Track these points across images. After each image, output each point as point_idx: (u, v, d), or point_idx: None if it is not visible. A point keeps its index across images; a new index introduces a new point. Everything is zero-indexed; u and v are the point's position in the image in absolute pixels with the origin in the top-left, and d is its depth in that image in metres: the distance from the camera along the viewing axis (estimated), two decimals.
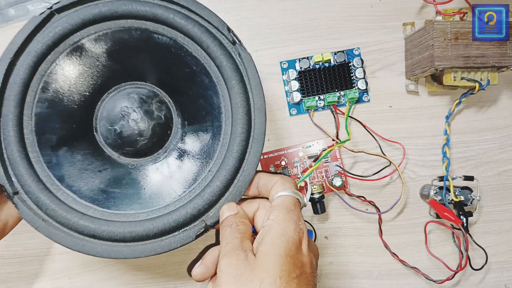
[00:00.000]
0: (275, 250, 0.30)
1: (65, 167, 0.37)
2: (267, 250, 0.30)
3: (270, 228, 0.32)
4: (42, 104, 0.36)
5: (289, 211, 0.33)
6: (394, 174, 0.49)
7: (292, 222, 0.32)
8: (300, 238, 0.31)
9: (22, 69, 0.35)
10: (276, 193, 0.34)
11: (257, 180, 0.36)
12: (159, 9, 0.35)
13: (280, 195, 0.34)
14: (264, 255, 0.30)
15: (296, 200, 0.34)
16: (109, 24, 0.36)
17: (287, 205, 0.33)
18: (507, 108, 0.50)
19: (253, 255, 0.30)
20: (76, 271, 0.49)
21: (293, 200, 0.34)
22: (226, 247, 0.31)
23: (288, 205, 0.33)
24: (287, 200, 0.34)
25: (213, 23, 0.36)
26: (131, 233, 0.34)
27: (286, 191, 0.34)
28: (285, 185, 0.35)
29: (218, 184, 0.35)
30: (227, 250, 0.31)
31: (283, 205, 0.33)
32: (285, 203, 0.33)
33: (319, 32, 0.49)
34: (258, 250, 0.30)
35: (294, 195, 0.34)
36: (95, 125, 0.40)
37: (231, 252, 0.31)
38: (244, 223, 0.34)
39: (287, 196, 0.34)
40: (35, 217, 0.34)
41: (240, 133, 0.35)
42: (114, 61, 0.38)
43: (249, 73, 0.36)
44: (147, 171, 0.40)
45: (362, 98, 0.49)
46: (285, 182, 0.35)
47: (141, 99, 0.39)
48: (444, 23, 0.43)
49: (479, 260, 0.48)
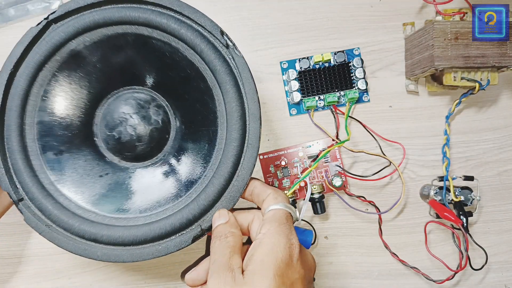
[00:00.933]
0: (263, 270, 0.30)
1: (67, 173, 0.38)
2: (255, 269, 0.30)
3: (260, 243, 0.32)
4: (43, 112, 0.37)
5: (281, 225, 0.32)
6: (394, 174, 0.49)
7: (283, 236, 0.32)
8: (291, 254, 0.31)
9: (22, 79, 0.36)
10: (268, 206, 0.34)
11: (251, 188, 0.37)
12: (152, 14, 0.35)
13: (271, 208, 0.34)
14: (252, 274, 0.30)
15: (288, 214, 0.34)
16: (104, 30, 0.36)
17: (279, 219, 0.33)
18: (507, 108, 0.50)
19: (241, 274, 0.30)
20: (76, 271, 0.49)
21: (284, 214, 0.34)
22: (214, 264, 0.31)
23: (280, 218, 0.33)
24: (278, 213, 0.34)
25: (206, 27, 0.36)
26: (130, 237, 0.35)
27: (278, 204, 0.34)
28: (277, 199, 0.35)
29: (213, 190, 0.35)
30: (214, 269, 0.31)
31: (274, 218, 0.33)
32: (276, 216, 0.33)
33: (319, 32, 0.49)
34: (247, 269, 0.30)
35: (286, 209, 0.34)
36: (95, 131, 0.41)
37: (218, 272, 0.30)
38: (234, 234, 0.34)
39: (278, 210, 0.34)
40: (39, 223, 0.36)
41: (235, 138, 0.35)
42: (111, 66, 0.39)
43: (243, 77, 0.36)
44: (146, 175, 0.40)
45: (362, 98, 0.49)
46: (278, 195, 0.35)
47: (138, 104, 0.40)
48: (444, 23, 0.43)
49: (479, 260, 0.48)
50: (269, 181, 0.48)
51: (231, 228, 0.34)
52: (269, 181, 0.48)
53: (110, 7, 0.36)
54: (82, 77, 0.38)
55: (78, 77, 0.38)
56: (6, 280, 0.49)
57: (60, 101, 0.38)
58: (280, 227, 0.32)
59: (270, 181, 0.48)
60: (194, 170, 0.38)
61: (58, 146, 0.38)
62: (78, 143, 0.39)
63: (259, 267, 0.30)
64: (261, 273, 0.29)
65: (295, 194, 0.47)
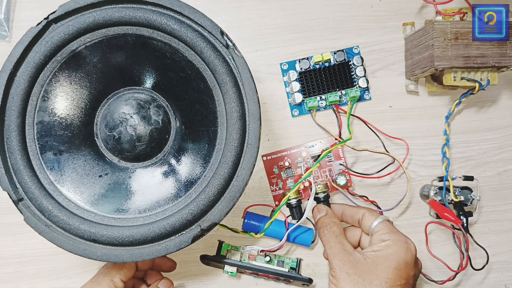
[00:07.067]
0: (386, 263, 0.38)
1: (67, 173, 0.38)
2: (379, 261, 0.38)
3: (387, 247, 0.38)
4: (43, 112, 0.37)
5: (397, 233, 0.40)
6: (396, 174, 0.49)
7: (403, 242, 0.39)
8: (412, 256, 0.39)
9: (22, 79, 0.36)
10: (373, 222, 0.41)
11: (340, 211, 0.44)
12: (153, 15, 0.35)
13: (379, 222, 0.41)
14: (376, 264, 0.38)
15: (391, 223, 0.42)
16: (104, 31, 0.36)
17: (392, 228, 0.40)
18: (507, 108, 0.50)
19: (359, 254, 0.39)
20: (76, 271, 0.49)
21: (391, 224, 0.41)
22: (332, 249, 0.40)
23: (392, 228, 0.40)
24: (386, 225, 0.40)
25: (206, 27, 0.36)
26: (129, 238, 0.35)
27: (380, 218, 0.41)
28: (374, 214, 0.42)
29: (213, 190, 0.35)
30: (334, 252, 0.39)
31: (386, 230, 0.40)
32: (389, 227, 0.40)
33: (319, 32, 0.49)
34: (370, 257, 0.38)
35: (387, 219, 0.41)
36: (96, 131, 0.41)
37: (339, 254, 0.39)
38: (335, 223, 0.42)
39: (383, 222, 0.40)
40: (38, 223, 0.35)
41: (234, 139, 0.35)
42: (111, 67, 0.39)
43: (243, 77, 0.36)
44: (146, 175, 0.40)
45: (364, 96, 0.49)
46: (373, 211, 0.42)
47: (138, 104, 0.39)
48: (444, 23, 0.43)
49: (479, 260, 0.48)
50: (273, 182, 0.48)
51: (332, 219, 0.43)
52: (273, 182, 0.48)
53: (110, 7, 0.36)
54: (83, 77, 0.38)
55: (78, 77, 0.38)
56: (6, 280, 0.49)
57: (61, 101, 0.38)
58: (397, 234, 0.39)
59: (274, 182, 0.48)
60: (193, 170, 0.38)
61: (58, 146, 0.38)
62: (78, 143, 0.39)
63: (383, 260, 0.38)
64: (384, 264, 0.37)
65: (299, 194, 0.47)
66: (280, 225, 0.47)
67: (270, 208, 0.48)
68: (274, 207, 0.48)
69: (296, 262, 0.47)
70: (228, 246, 0.47)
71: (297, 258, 0.47)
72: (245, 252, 0.46)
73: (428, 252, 0.48)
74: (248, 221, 0.47)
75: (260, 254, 0.46)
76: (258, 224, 0.47)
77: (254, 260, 0.46)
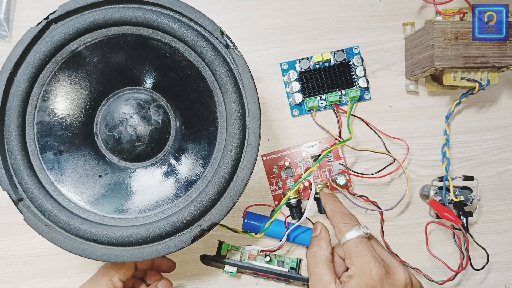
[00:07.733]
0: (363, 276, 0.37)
1: (67, 173, 0.38)
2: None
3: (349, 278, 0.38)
4: (44, 112, 0.37)
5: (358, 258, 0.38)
6: (396, 174, 0.49)
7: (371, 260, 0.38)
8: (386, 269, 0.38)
9: (22, 79, 0.36)
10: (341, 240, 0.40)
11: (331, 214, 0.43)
12: (152, 15, 0.35)
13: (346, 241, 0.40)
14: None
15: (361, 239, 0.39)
16: (104, 31, 0.36)
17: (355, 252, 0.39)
18: (507, 108, 0.50)
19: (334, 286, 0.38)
20: (76, 271, 0.49)
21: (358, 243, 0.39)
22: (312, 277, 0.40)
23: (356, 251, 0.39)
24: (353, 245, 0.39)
25: (206, 27, 0.36)
26: (129, 238, 0.35)
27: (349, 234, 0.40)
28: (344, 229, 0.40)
29: (213, 190, 0.35)
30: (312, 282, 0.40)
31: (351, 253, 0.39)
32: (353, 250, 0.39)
33: (319, 32, 0.49)
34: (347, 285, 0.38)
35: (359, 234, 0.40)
36: (96, 131, 0.41)
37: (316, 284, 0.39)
38: (321, 247, 0.41)
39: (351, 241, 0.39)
40: (38, 223, 0.36)
41: (234, 139, 0.35)
42: (111, 67, 0.39)
43: (243, 77, 0.36)
44: (146, 175, 0.40)
45: (364, 96, 0.49)
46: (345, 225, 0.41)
47: (138, 104, 0.39)
48: (444, 23, 0.43)
49: (479, 260, 0.48)
50: (273, 182, 0.48)
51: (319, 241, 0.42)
52: (273, 182, 0.48)
53: (110, 7, 0.36)
54: (83, 77, 0.38)
55: (78, 77, 0.38)
56: (6, 280, 0.49)
57: (61, 101, 0.38)
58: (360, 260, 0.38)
59: (274, 182, 0.48)
60: (193, 170, 0.38)
61: (58, 146, 0.38)
62: (78, 143, 0.39)
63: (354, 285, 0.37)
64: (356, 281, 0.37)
65: (299, 194, 0.47)
66: (280, 225, 0.47)
67: (270, 208, 0.49)
68: (274, 207, 0.48)
69: (296, 262, 0.47)
70: (228, 246, 0.47)
71: (297, 258, 0.47)
72: (245, 252, 0.46)
73: (428, 252, 0.48)
74: (248, 221, 0.47)
75: (260, 254, 0.46)
76: (258, 224, 0.47)
77: (254, 260, 0.46)
